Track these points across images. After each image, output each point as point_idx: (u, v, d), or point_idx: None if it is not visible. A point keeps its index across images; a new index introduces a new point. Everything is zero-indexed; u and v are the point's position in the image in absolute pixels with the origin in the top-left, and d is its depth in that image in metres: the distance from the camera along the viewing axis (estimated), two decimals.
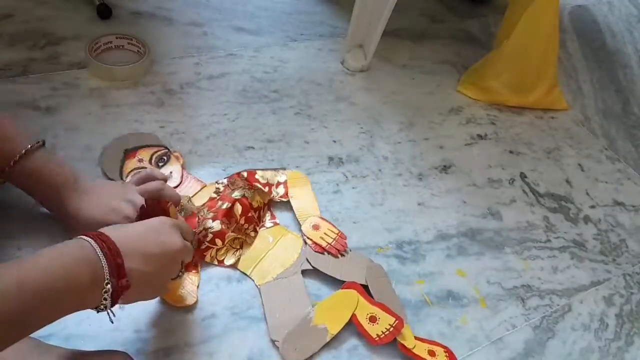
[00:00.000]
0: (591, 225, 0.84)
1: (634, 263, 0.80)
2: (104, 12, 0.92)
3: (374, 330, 0.57)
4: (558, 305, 0.71)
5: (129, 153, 0.70)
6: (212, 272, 0.62)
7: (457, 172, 0.86)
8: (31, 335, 0.37)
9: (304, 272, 0.64)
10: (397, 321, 0.58)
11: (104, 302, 0.39)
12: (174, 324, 0.56)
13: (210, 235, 0.62)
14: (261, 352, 0.56)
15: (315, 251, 0.65)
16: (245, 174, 0.72)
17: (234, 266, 0.63)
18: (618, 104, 1.12)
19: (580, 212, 0.86)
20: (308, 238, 0.66)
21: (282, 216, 0.70)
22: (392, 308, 0.60)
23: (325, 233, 0.67)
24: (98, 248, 0.39)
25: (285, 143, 0.81)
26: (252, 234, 0.66)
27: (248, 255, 0.64)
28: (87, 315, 0.55)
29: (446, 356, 0.59)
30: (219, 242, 0.62)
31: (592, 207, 0.88)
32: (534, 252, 0.77)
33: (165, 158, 0.70)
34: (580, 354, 0.66)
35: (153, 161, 0.70)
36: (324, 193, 0.75)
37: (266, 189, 0.71)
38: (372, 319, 0.57)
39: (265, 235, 0.67)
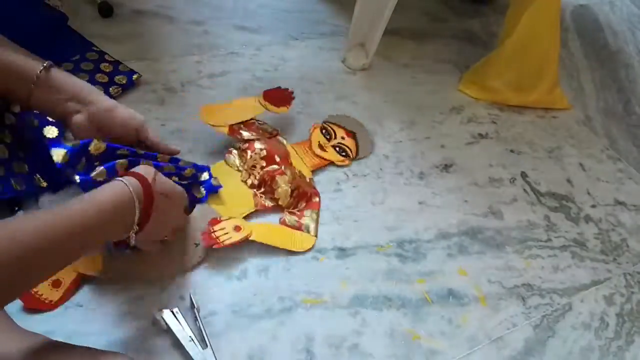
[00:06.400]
0: (592, 225, 0.84)
1: (635, 262, 0.80)
2: (106, 11, 0.92)
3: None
4: (559, 304, 0.71)
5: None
6: (213, 271, 0.62)
7: (458, 171, 0.86)
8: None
9: None
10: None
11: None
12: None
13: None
14: (261, 350, 0.56)
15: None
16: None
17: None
18: (619, 103, 1.12)
19: (581, 211, 0.86)
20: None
21: None
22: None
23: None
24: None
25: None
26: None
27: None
28: (89, 314, 0.55)
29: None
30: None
31: (593, 206, 0.88)
32: (535, 251, 0.77)
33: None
34: (580, 353, 0.66)
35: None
36: (325, 191, 0.75)
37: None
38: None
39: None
